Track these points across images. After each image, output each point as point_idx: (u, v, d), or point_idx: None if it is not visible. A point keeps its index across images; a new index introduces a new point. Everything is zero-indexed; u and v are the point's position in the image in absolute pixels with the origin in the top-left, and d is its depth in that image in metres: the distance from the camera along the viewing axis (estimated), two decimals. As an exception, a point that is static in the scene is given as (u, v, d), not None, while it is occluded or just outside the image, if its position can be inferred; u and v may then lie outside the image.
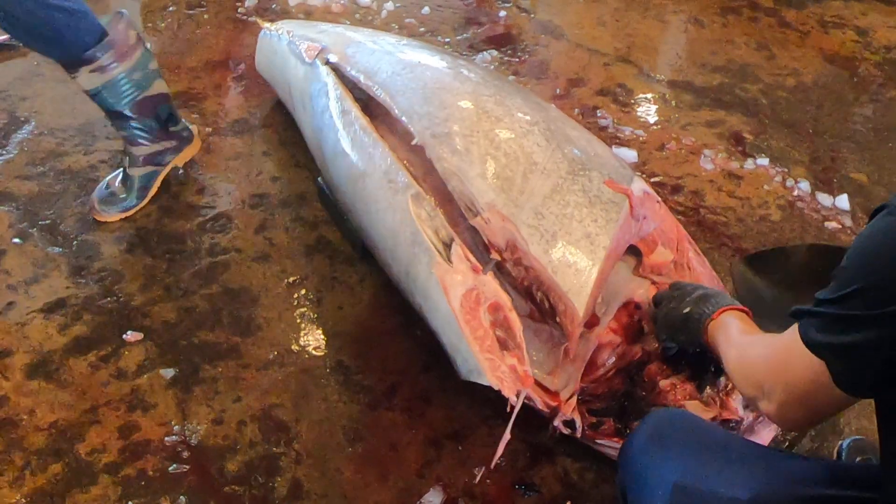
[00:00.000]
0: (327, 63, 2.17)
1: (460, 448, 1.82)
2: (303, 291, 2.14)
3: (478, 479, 1.76)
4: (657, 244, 1.83)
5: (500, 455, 1.65)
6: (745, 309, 1.59)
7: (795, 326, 1.11)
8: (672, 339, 1.70)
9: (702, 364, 1.72)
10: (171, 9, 3.20)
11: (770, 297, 2.06)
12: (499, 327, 1.65)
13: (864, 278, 0.97)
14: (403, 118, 1.89)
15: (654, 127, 2.79)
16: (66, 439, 1.78)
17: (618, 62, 3.10)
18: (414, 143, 1.85)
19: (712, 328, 1.55)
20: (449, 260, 1.67)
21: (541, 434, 1.79)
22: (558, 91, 2.91)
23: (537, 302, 1.72)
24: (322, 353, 2.00)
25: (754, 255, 2.26)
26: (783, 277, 2.11)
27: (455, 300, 1.62)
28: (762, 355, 1.27)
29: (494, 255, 1.72)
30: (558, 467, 1.80)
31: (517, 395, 1.61)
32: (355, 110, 1.99)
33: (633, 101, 2.90)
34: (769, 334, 1.33)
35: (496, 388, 1.60)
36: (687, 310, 1.62)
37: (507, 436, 1.63)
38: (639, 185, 1.83)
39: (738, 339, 1.45)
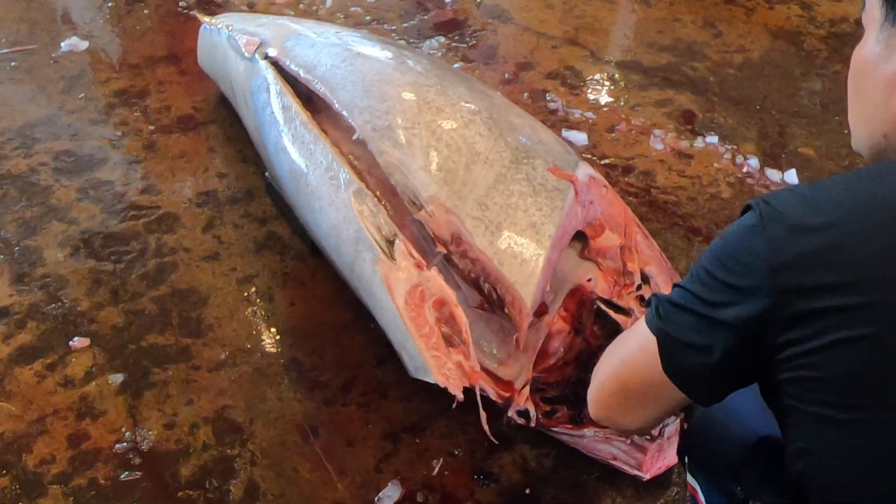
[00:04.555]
0: (266, 57, 2.14)
1: (418, 441, 1.82)
2: (254, 289, 2.12)
3: (436, 471, 1.76)
4: (604, 228, 1.84)
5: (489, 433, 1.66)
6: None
7: (638, 324, 1.07)
8: None
9: None
10: (109, 4, 3.13)
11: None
12: (445, 323, 1.64)
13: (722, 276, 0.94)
14: (344, 112, 1.87)
15: (604, 109, 2.79)
16: (14, 451, 1.75)
17: (566, 45, 3.09)
18: (355, 137, 1.83)
19: None
20: (392, 257, 1.65)
21: (498, 423, 1.79)
22: (507, 76, 2.90)
23: (485, 293, 1.71)
24: (275, 351, 1.98)
25: None
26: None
27: (399, 297, 1.61)
28: (614, 342, 1.21)
29: (440, 249, 1.71)
30: (516, 455, 1.81)
31: (472, 390, 1.60)
32: (296, 106, 1.96)
33: (582, 84, 2.90)
34: None
35: (442, 385, 1.59)
36: None
37: (484, 416, 1.63)
38: (584, 171, 1.82)
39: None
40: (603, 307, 1.80)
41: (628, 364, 1.07)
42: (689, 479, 1.38)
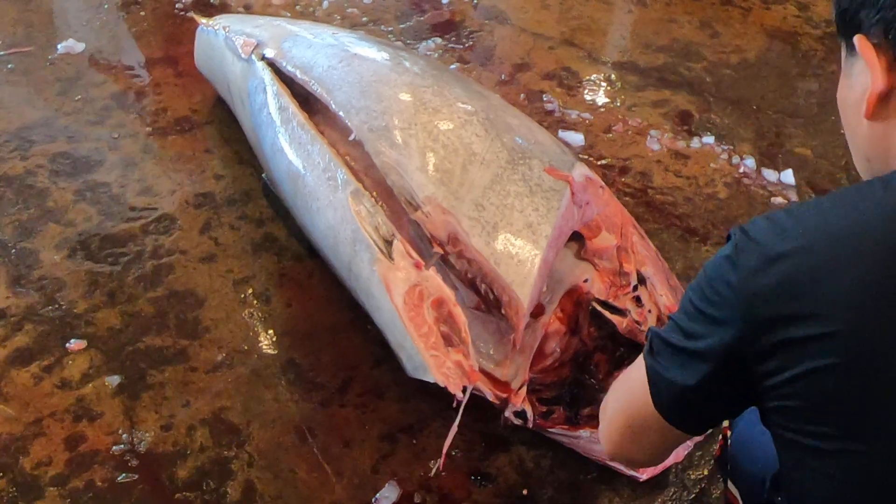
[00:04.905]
0: (263, 58, 2.14)
1: (415, 441, 1.82)
2: (251, 290, 2.12)
3: (433, 471, 1.76)
4: (601, 229, 1.84)
5: (447, 447, 1.65)
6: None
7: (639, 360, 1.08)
8: None
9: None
10: (105, 6, 3.12)
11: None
12: (443, 323, 1.64)
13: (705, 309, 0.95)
14: (341, 113, 1.87)
15: (601, 109, 2.79)
16: (10, 454, 1.74)
17: (563, 45, 3.09)
18: (351, 138, 1.83)
19: None
20: (390, 257, 1.66)
21: (495, 423, 1.79)
22: (504, 77, 2.90)
23: (482, 294, 1.71)
24: (272, 352, 1.98)
25: None
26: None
27: (398, 297, 1.61)
28: (622, 376, 1.21)
29: (437, 249, 1.71)
30: (513, 455, 1.80)
31: (463, 391, 1.60)
32: (293, 106, 1.96)
33: (578, 85, 2.90)
34: None
35: (442, 385, 1.59)
36: None
37: (454, 429, 1.63)
38: (580, 171, 1.82)
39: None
40: (599, 308, 1.80)
41: (631, 401, 1.07)
42: (730, 486, 1.38)
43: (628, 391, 1.09)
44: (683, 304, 0.98)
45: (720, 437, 1.56)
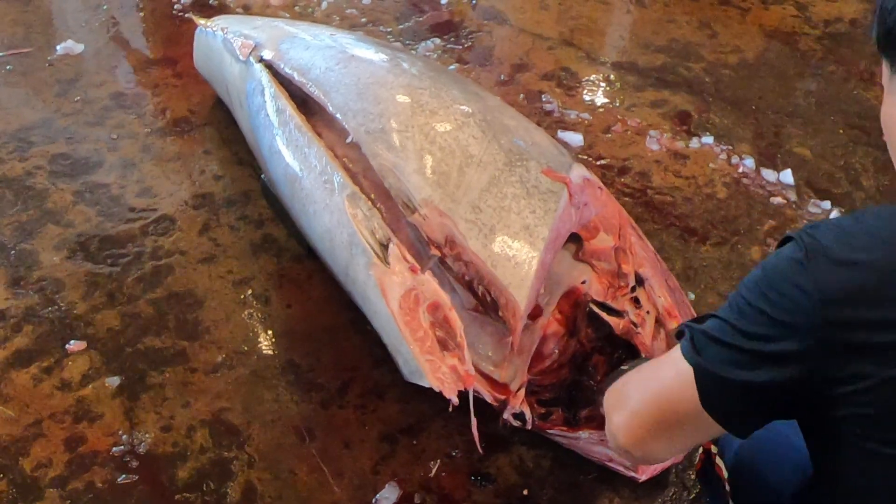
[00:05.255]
0: (261, 60, 2.14)
1: (415, 442, 1.82)
2: (250, 291, 2.12)
3: (433, 472, 1.76)
4: (599, 230, 1.84)
5: (479, 442, 1.65)
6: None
7: (672, 354, 1.06)
8: None
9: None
10: (104, 7, 3.12)
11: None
12: (439, 327, 1.64)
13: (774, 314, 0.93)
14: (338, 115, 1.87)
15: (600, 109, 2.79)
16: (10, 455, 1.75)
17: (562, 46, 3.09)
18: (349, 140, 1.83)
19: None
20: (386, 261, 1.66)
21: (494, 424, 1.79)
22: (503, 77, 2.90)
23: (480, 296, 1.71)
24: (272, 353, 1.99)
25: None
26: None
27: (393, 301, 1.61)
28: (640, 370, 1.19)
29: (434, 252, 1.71)
30: (514, 456, 1.81)
31: (465, 393, 1.60)
32: (290, 109, 1.96)
33: (577, 85, 2.90)
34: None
35: (437, 389, 1.60)
36: None
37: (474, 423, 1.63)
38: (578, 172, 1.82)
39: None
40: (596, 309, 1.80)
41: (664, 395, 1.05)
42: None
43: (661, 386, 1.06)
44: (736, 305, 0.97)
45: (700, 450, 1.54)
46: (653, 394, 1.08)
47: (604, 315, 1.75)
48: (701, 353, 0.99)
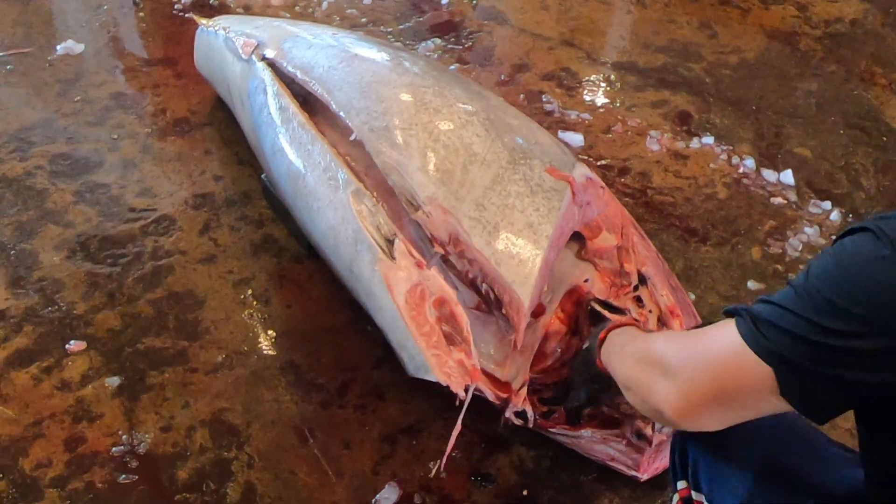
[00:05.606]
0: (263, 59, 2.13)
1: (415, 442, 1.82)
2: (250, 291, 2.12)
3: (433, 472, 1.76)
4: (601, 229, 1.84)
5: (450, 449, 1.64)
6: (634, 321, 1.56)
7: (725, 324, 1.04)
8: (586, 389, 1.63)
9: None
10: (105, 7, 3.12)
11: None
12: (445, 322, 1.63)
13: (857, 308, 0.91)
14: (341, 113, 1.87)
15: (600, 110, 2.79)
16: (10, 455, 1.75)
17: (562, 46, 3.09)
18: (352, 138, 1.82)
19: (604, 350, 1.46)
20: (392, 256, 1.65)
21: (495, 424, 1.79)
22: (503, 77, 2.90)
23: (483, 294, 1.71)
24: (272, 354, 1.98)
25: None
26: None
27: (399, 297, 1.61)
28: (674, 340, 1.17)
29: (438, 249, 1.70)
30: (514, 456, 1.81)
31: (465, 390, 1.60)
32: (293, 107, 1.96)
33: (578, 85, 2.90)
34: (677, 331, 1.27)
35: (444, 384, 1.59)
36: (585, 346, 1.56)
37: (457, 428, 1.62)
38: (581, 171, 1.82)
39: (635, 340, 1.37)
40: (599, 308, 1.80)
41: (725, 370, 1.03)
42: (695, 495, 1.35)
43: (718, 363, 1.04)
44: (810, 297, 0.94)
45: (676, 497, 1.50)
46: (712, 367, 1.05)
47: (606, 313, 1.74)
48: (772, 341, 0.97)
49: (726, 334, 1.02)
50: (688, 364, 1.08)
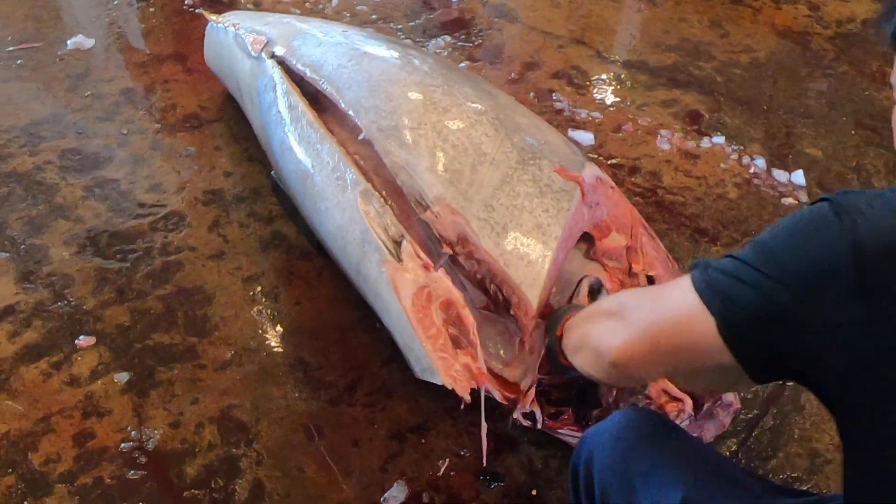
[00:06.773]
0: (273, 56, 2.13)
1: (423, 441, 1.82)
2: (259, 288, 2.12)
3: (441, 471, 1.76)
4: (611, 230, 1.83)
5: (486, 448, 1.65)
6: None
7: (684, 277, 1.07)
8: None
9: None
10: (115, 2, 3.12)
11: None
12: (452, 325, 1.63)
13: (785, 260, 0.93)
14: (350, 112, 1.87)
15: (610, 108, 2.78)
16: (19, 450, 1.75)
17: (572, 44, 3.08)
18: (361, 137, 1.82)
19: (564, 344, 1.48)
20: (399, 258, 1.65)
21: (503, 424, 1.78)
22: (513, 75, 2.89)
23: (491, 295, 1.71)
24: (281, 351, 1.98)
25: None
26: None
27: (406, 299, 1.61)
28: (633, 291, 1.21)
29: (446, 250, 1.70)
30: (522, 456, 1.80)
31: (476, 393, 1.60)
32: (302, 105, 1.95)
33: (588, 83, 2.89)
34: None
35: (449, 387, 1.59)
36: (546, 342, 1.58)
37: (484, 428, 1.62)
38: (591, 171, 1.82)
39: (588, 308, 1.42)
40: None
41: (669, 316, 1.06)
42: None
43: (671, 311, 1.06)
44: (762, 248, 0.97)
45: None
46: (659, 310, 1.09)
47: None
48: (716, 282, 0.99)
49: (682, 284, 1.05)
50: (639, 308, 1.13)
